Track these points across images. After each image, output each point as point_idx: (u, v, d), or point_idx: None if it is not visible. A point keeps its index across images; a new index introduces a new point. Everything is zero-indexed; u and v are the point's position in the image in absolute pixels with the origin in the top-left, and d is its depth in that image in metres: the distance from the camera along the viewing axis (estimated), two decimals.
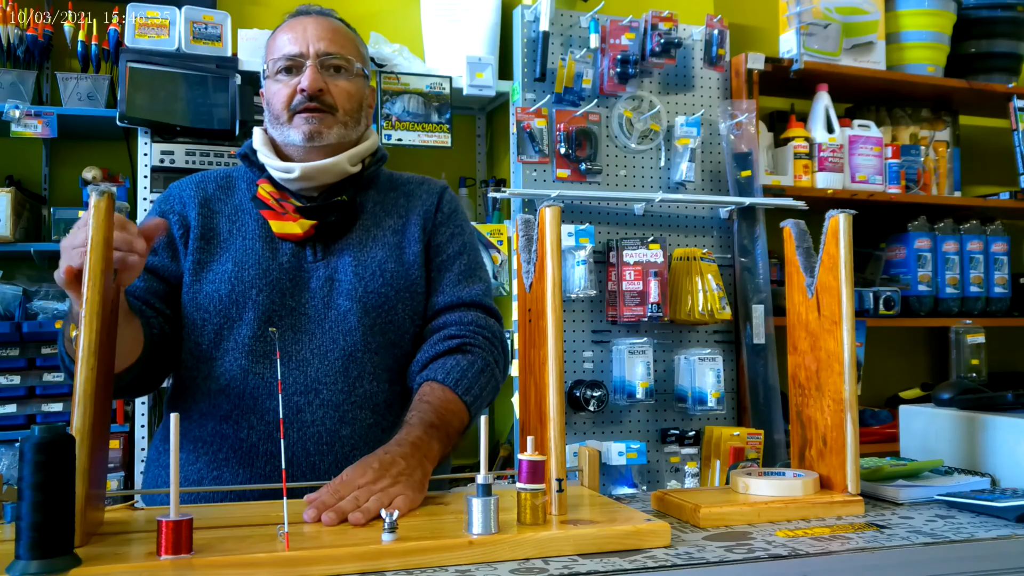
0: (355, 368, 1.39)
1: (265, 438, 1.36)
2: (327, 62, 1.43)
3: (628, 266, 2.59)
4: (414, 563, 0.94)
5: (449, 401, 1.35)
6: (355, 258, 1.43)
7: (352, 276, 1.42)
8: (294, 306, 1.40)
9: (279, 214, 1.41)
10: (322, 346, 1.39)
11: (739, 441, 2.57)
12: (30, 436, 0.87)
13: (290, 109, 1.42)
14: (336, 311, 1.40)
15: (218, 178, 1.52)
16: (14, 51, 2.64)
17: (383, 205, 1.52)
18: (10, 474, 2.25)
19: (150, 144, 2.57)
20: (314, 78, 1.41)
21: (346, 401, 1.38)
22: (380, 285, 1.42)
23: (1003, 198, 3.29)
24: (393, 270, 1.45)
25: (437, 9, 2.94)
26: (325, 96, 1.42)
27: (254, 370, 1.37)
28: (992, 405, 1.47)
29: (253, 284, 1.39)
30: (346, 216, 1.44)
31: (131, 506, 1.21)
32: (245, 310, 1.38)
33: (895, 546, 1.04)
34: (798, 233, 1.36)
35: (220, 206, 1.47)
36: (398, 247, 1.47)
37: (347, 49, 1.46)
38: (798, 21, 2.94)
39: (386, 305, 1.42)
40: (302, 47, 1.43)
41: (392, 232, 1.48)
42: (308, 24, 1.45)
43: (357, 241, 1.45)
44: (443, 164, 3.09)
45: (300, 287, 1.41)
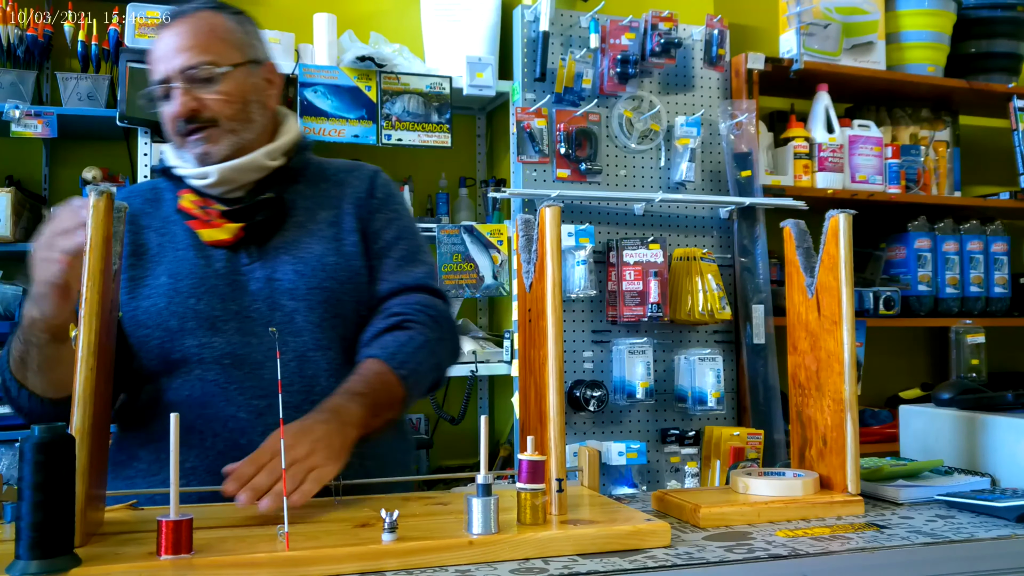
0: (310, 367, 1.37)
1: (231, 446, 1.32)
2: (194, 76, 1.37)
3: (628, 266, 2.59)
4: (414, 563, 0.94)
5: (381, 374, 1.32)
6: (293, 256, 1.40)
7: (293, 275, 1.39)
8: (237, 310, 1.37)
9: (205, 222, 1.38)
10: (272, 348, 1.35)
11: (739, 441, 2.57)
12: (30, 436, 0.87)
13: (177, 133, 1.39)
14: (281, 312, 1.37)
15: (144, 192, 1.49)
16: (14, 51, 2.64)
17: (315, 198, 1.48)
18: (10, 474, 2.25)
19: (150, 144, 2.57)
20: (182, 102, 1.36)
21: (305, 401, 1.34)
22: (323, 280, 1.39)
23: (1003, 198, 3.29)
24: (334, 263, 1.41)
25: (437, 9, 2.94)
26: (202, 113, 1.37)
27: (207, 378, 1.34)
28: (992, 405, 1.47)
29: (191, 294, 1.36)
30: (275, 213, 1.41)
31: (131, 506, 1.21)
32: (186, 320, 1.35)
33: (895, 546, 1.04)
34: (798, 233, 1.36)
35: (148, 220, 1.44)
36: (336, 239, 1.44)
37: (214, 50, 1.38)
38: (798, 21, 2.94)
39: (332, 299, 1.39)
40: (166, 69, 1.37)
41: (327, 224, 1.45)
42: (170, 37, 1.39)
43: (293, 238, 1.42)
44: (443, 164, 3.09)
45: (240, 291, 1.38)
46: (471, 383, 2.84)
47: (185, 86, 1.36)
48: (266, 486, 1.07)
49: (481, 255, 2.78)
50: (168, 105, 1.38)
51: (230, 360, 1.35)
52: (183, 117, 1.36)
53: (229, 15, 1.44)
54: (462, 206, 3.05)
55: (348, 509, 1.16)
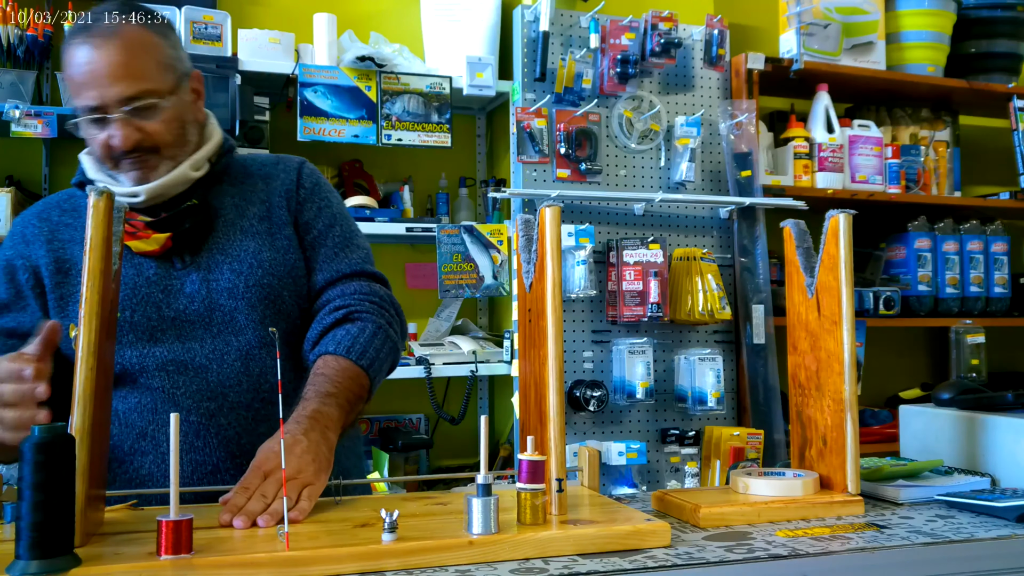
0: (256, 365, 1.36)
1: (187, 448, 1.32)
2: (135, 108, 1.30)
3: (628, 266, 2.59)
4: (414, 563, 0.94)
5: (344, 368, 1.32)
6: (227, 255, 1.39)
7: (229, 274, 1.37)
8: (173, 316, 1.35)
9: (130, 234, 1.34)
10: (216, 350, 1.35)
11: (739, 441, 2.57)
12: (30, 436, 0.87)
13: (111, 158, 1.34)
14: (221, 312, 1.36)
15: (61, 202, 1.46)
16: (14, 51, 2.64)
17: (242, 196, 1.46)
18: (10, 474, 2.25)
19: None
20: (124, 135, 1.30)
21: (255, 399, 1.35)
22: (261, 277, 1.38)
23: (1003, 198, 3.29)
24: (270, 258, 1.40)
25: (437, 9, 2.94)
26: (143, 143, 1.32)
27: (153, 384, 1.34)
28: (992, 405, 1.47)
29: (124, 306, 1.33)
30: (202, 219, 1.39)
31: (131, 506, 1.21)
32: (123, 333, 1.33)
33: (895, 546, 1.04)
34: (798, 233, 1.36)
35: (70, 232, 1.40)
36: (268, 234, 1.43)
37: (152, 76, 1.31)
38: (798, 21, 2.94)
39: (271, 295, 1.39)
40: (101, 98, 1.29)
41: (258, 220, 1.43)
42: (96, 61, 1.28)
43: (224, 238, 1.40)
44: (443, 164, 3.09)
45: (174, 295, 1.36)
46: (471, 383, 2.84)
47: (124, 117, 1.30)
48: (259, 511, 1.06)
49: (481, 255, 2.78)
50: (101, 133, 1.32)
51: (173, 367, 1.34)
52: (125, 149, 1.31)
53: (153, 28, 1.35)
54: (462, 206, 3.05)
55: (348, 509, 1.16)
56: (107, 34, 1.29)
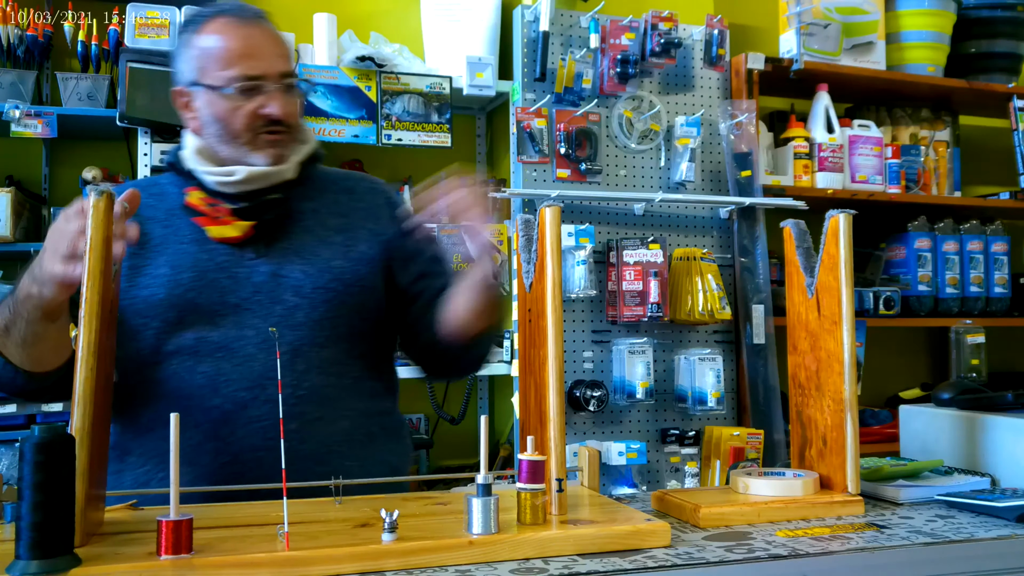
0: (302, 362, 1.38)
1: (210, 436, 1.34)
2: (288, 84, 1.42)
3: (628, 266, 2.59)
4: (414, 563, 0.94)
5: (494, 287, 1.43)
6: (301, 256, 1.43)
7: (299, 273, 1.42)
8: (236, 302, 1.39)
9: (213, 218, 1.40)
10: (267, 340, 1.37)
11: (739, 441, 2.57)
12: (30, 436, 0.87)
13: (253, 130, 1.40)
14: (282, 306, 1.40)
15: (147, 186, 1.49)
16: (14, 51, 2.64)
17: (323, 203, 1.51)
18: (10, 474, 2.25)
19: (150, 144, 2.57)
20: (283, 104, 1.40)
21: (292, 395, 1.36)
22: (328, 281, 1.42)
23: (1003, 198, 3.29)
24: (341, 267, 1.45)
25: (437, 9, 2.94)
26: (290, 117, 1.42)
27: (199, 370, 1.36)
28: (992, 405, 1.47)
29: (191, 287, 1.37)
30: (282, 215, 1.44)
31: (131, 506, 1.21)
32: (186, 312, 1.37)
33: (895, 546, 1.04)
34: (798, 233, 1.36)
35: (152, 212, 1.45)
36: (344, 245, 1.48)
37: (291, 62, 1.46)
38: (798, 21, 2.94)
39: (335, 300, 1.42)
40: (264, 68, 1.40)
41: (336, 231, 1.49)
42: (258, 36, 1.41)
43: (300, 241, 1.45)
44: (443, 164, 3.09)
45: (241, 283, 1.40)
46: (471, 383, 2.84)
47: (281, 88, 1.40)
48: None
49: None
50: (250, 102, 1.39)
51: (222, 353, 1.36)
52: (284, 118, 1.40)
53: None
54: None
55: (348, 509, 1.16)
56: (254, 19, 1.43)
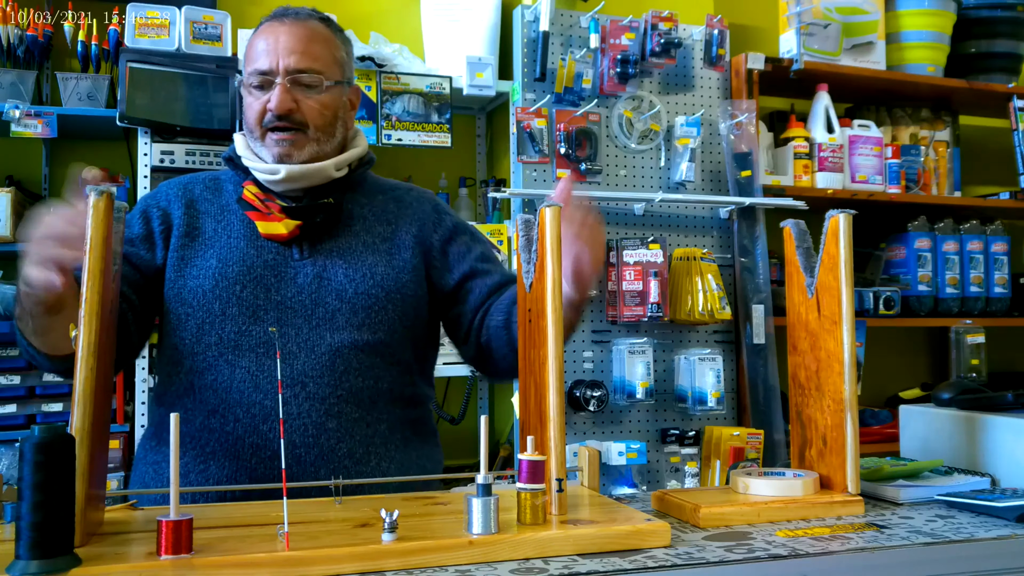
0: (342, 363, 1.40)
1: (251, 431, 1.36)
2: (298, 79, 1.43)
3: (628, 266, 2.59)
4: (414, 563, 0.94)
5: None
6: (345, 260, 1.45)
7: (342, 277, 1.44)
8: (280, 300, 1.41)
9: (264, 214, 1.43)
10: (309, 340, 1.40)
11: (739, 441, 2.57)
12: (30, 436, 0.87)
13: (262, 125, 1.43)
14: (324, 308, 1.42)
15: (206, 180, 1.54)
16: (14, 51, 2.64)
17: (371, 209, 1.53)
18: (10, 474, 2.25)
19: (150, 144, 2.57)
20: (283, 98, 1.41)
21: (332, 395, 1.38)
22: (371, 287, 1.44)
23: (1003, 198, 3.29)
24: (383, 273, 1.46)
25: (437, 9, 2.94)
26: (295, 115, 1.42)
27: (240, 364, 1.38)
28: (992, 405, 1.47)
29: (237, 280, 1.40)
30: (331, 217, 1.46)
31: (131, 506, 1.21)
32: (229, 305, 1.39)
33: (895, 546, 1.04)
34: (798, 233, 1.36)
35: (206, 206, 1.48)
36: (388, 253, 1.49)
37: (321, 60, 1.45)
38: (798, 21, 2.94)
39: (376, 306, 1.44)
40: (272, 63, 1.42)
41: (382, 239, 1.50)
42: (281, 34, 1.44)
43: (346, 245, 1.47)
44: (443, 164, 3.09)
45: (286, 282, 1.42)
46: (471, 383, 2.84)
47: (287, 84, 1.41)
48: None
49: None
50: (261, 96, 1.43)
51: (263, 349, 1.39)
52: (279, 113, 1.41)
53: (335, 32, 1.50)
54: (462, 206, 3.05)
55: (348, 509, 1.16)
56: (296, 19, 1.46)
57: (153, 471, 1.43)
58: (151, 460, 1.45)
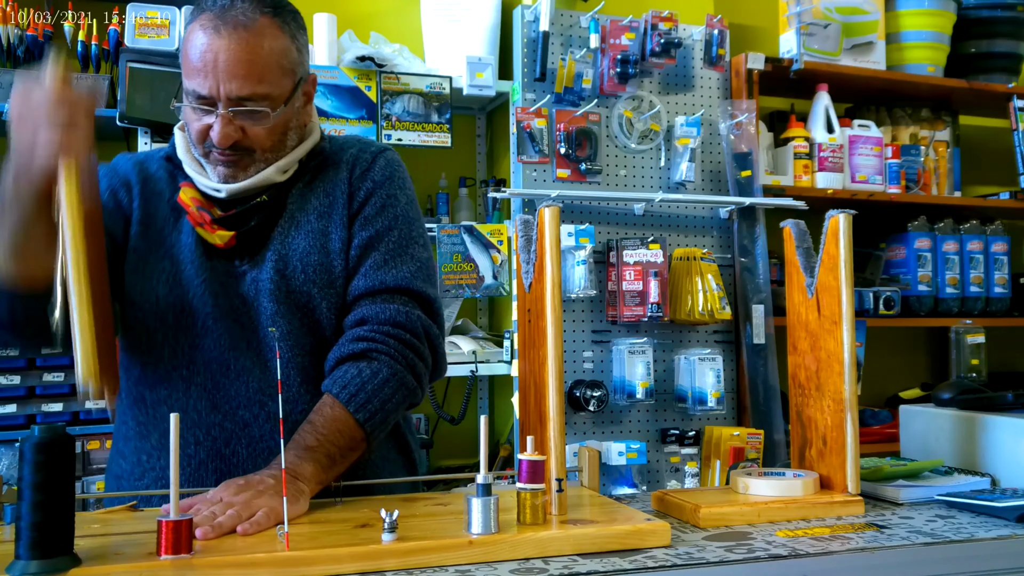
0: (297, 375, 1.30)
1: (214, 455, 1.28)
2: (243, 109, 1.25)
3: (628, 266, 2.59)
4: (414, 563, 0.94)
5: (337, 420, 1.24)
6: (276, 254, 1.32)
7: (274, 274, 1.30)
8: (227, 310, 1.30)
9: (199, 223, 1.31)
10: (260, 354, 1.30)
11: (739, 441, 2.57)
12: (30, 436, 0.87)
13: (204, 146, 1.30)
14: (263, 314, 1.30)
15: (161, 160, 1.41)
16: (14, 51, 2.63)
17: (311, 186, 1.38)
18: (10, 474, 2.25)
19: (150, 144, 2.57)
20: (225, 132, 1.25)
21: (293, 411, 1.28)
22: (302, 283, 1.31)
23: (1003, 198, 3.29)
24: (316, 263, 1.32)
25: (437, 9, 2.94)
26: (241, 143, 1.28)
27: (195, 381, 1.29)
28: (992, 405, 1.47)
29: (189, 288, 1.30)
30: (269, 217, 1.33)
31: (131, 507, 1.21)
32: (182, 316, 1.29)
33: (895, 546, 1.04)
34: (798, 233, 1.36)
35: (162, 187, 1.37)
36: (323, 234, 1.34)
37: (268, 81, 1.26)
38: (798, 21, 2.94)
39: (311, 304, 1.31)
40: (211, 88, 1.24)
41: (317, 216, 1.35)
42: (220, 51, 1.23)
43: (280, 234, 1.33)
44: (443, 164, 3.09)
45: (231, 292, 1.31)
46: (471, 383, 2.84)
47: (230, 114, 1.25)
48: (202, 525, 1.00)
49: (481, 255, 2.78)
50: (201, 121, 1.27)
51: (218, 366, 1.29)
52: (222, 147, 1.27)
53: (286, 28, 1.30)
54: (462, 206, 3.05)
55: (348, 509, 1.16)
56: (239, 24, 1.24)
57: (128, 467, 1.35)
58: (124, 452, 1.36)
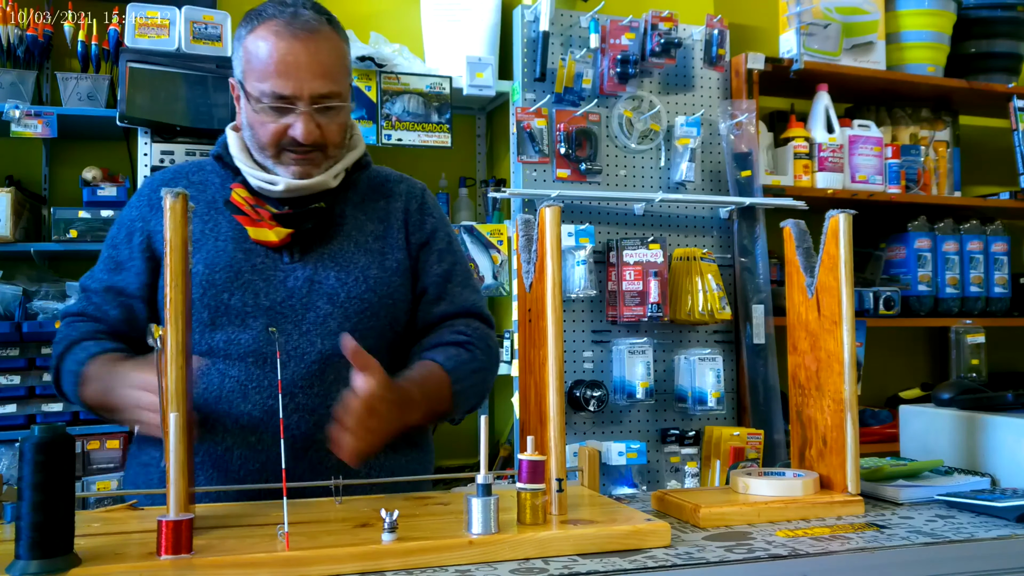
0: (331, 372, 1.36)
1: (240, 442, 1.33)
2: (322, 106, 1.36)
3: (628, 266, 2.59)
4: (414, 563, 0.94)
5: (440, 381, 1.37)
6: (337, 263, 1.41)
7: (335, 280, 1.40)
8: (269, 305, 1.37)
9: (254, 220, 1.38)
10: (299, 348, 1.36)
11: (739, 441, 2.57)
12: (30, 436, 0.87)
13: (278, 146, 1.38)
14: (316, 313, 1.38)
15: (190, 173, 1.49)
16: (14, 51, 2.64)
17: (363, 208, 1.49)
18: (10, 474, 2.25)
19: (150, 144, 2.57)
20: (309, 128, 1.35)
21: (321, 406, 1.33)
22: (364, 291, 1.41)
23: (1003, 198, 3.29)
24: (376, 276, 1.43)
25: (437, 9, 2.94)
26: (318, 139, 1.38)
27: (229, 373, 1.35)
28: (992, 405, 1.47)
29: (225, 288, 1.36)
30: (322, 222, 1.42)
31: (131, 506, 1.21)
32: (218, 314, 1.35)
33: (895, 546, 1.04)
34: (798, 233, 1.36)
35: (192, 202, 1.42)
36: (380, 253, 1.46)
37: (339, 80, 1.38)
38: (798, 21, 2.94)
39: (368, 311, 1.41)
40: (295, 89, 1.34)
41: (374, 238, 1.47)
42: (301, 53, 1.34)
43: (339, 247, 1.43)
44: (443, 164, 3.09)
45: (275, 287, 1.38)
46: None
47: (310, 112, 1.35)
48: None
49: (481, 255, 2.78)
50: (279, 119, 1.36)
51: (253, 358, 1.35)
52: (307, 143, 1.36)
53: (340, 31, 1.43)
54: (462, 206, 3.05)
55: (348, 509, 1.16)
56: (309, 29, 1.36)
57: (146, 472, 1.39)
58: (144, 461, 1.41)
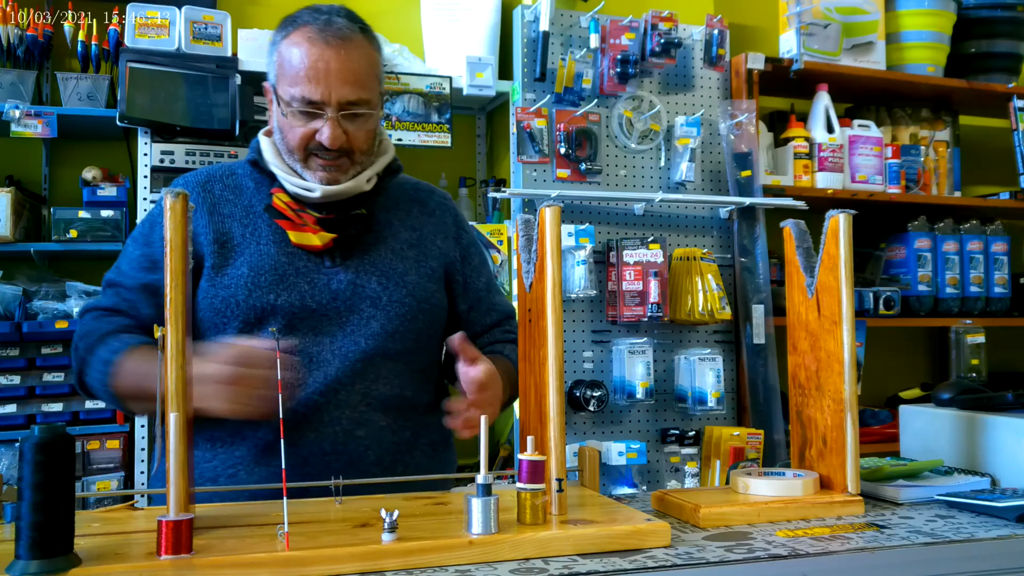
0: (372, 371, 1.42)
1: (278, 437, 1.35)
2: (350, 112, 1.39)
3: (628, 266, 2.59)
4: (414, 563, 0.94)
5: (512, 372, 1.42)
6: (377, 267, 1.46)
7: (376, 284, 1.45)
8: (314, 308, 1.41)
9: (298, 225, 1.42)
10: (342, 348, 1.41)
11: (739, 441, 2.57)
12: (30, 436, 0.87)
13: (306, 150, 1.42)
14: (359, 316, 1.43)
15: (223, 176, 1.51)
16: (14, 51, 2.64)
17: (397, 214, 1.55)
18: (10, 474, 2.25)
19: (150, 144, 2.57)
20: (335, 133, 1.38)
21: (362, 403, 1.40)
22: (404, 295, 1.46)
23: (1003, 198, 3.29)
24: (414, 282, 1.48)
25: (437, 9, 2.94)
26: (344, 145, 1.41)
27: None
28: (992, 405, 1.47)
29: (271, 289, 1.40)
30: (363, 228, 1.46)
31: (131, 506, 1.21)
32: (265, 315, 1.39)
33: (895, 546, 1.04)
34: (798, 233, 1.36)
35: (230, 208, 1.47)
36: (416, 260, 1.51)
37: (369, 88, 1.41)
38: (798, 21, 2.94)
39: (408, 315, 1.46)
40: (323, 95, 1.37)
41: (409, 246, 1.52)
42: (331, 60, 1.37)
43: (375, 251, 1.48)
44: (443, 164, 3.09)
45: (320, 289, 1.42)
46: None
47: (337, 118, 1.38)
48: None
49: None
50: (307, 123, 1.39)
51: (298, 357, 1.38)
52: (332, 148, 1.39)
53: (373, 39, 1.45)
54: (462, 206, 3.05)
55: (348, 509, 1.16)
56: (342, 37, 1.39)
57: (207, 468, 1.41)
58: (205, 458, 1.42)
